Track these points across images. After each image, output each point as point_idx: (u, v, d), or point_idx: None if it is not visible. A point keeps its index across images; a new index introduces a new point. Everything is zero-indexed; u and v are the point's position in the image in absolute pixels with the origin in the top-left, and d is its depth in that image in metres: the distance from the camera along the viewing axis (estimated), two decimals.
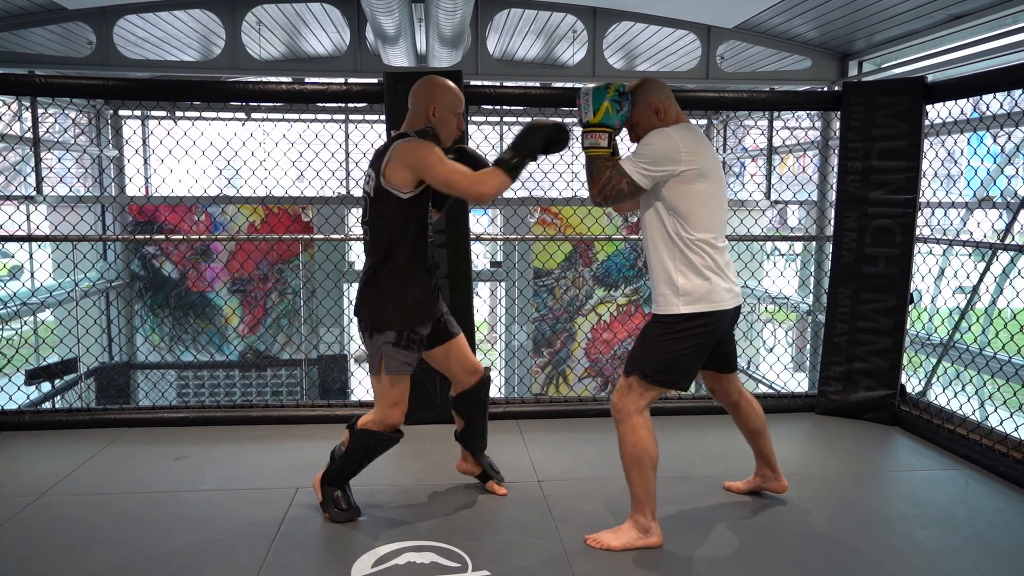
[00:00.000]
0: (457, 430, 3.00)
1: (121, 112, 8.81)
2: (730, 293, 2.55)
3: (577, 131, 2.59)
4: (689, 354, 2.52)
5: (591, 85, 2.53)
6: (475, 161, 2.71)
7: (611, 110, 2.47)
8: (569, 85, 6.56)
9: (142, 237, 5.53)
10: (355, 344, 8.90)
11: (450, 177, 2.47)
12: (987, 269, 4.09)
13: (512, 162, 2.47)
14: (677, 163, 2.45)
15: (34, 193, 6.78)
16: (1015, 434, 3.32)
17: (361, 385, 7.75)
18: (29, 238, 4.64)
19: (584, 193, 8.29)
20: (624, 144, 2.79)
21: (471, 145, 3.39)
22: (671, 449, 3.56)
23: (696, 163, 2.46)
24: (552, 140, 2.51)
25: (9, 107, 7.07)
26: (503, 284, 9.27)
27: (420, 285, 2.62)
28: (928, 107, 3.81)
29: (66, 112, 7.98)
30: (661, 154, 2.45)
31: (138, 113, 8.88)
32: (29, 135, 6.71)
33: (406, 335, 2.60)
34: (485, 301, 10.92)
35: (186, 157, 5.30)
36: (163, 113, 8.61)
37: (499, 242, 8.91)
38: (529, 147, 2.49)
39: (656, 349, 2.51)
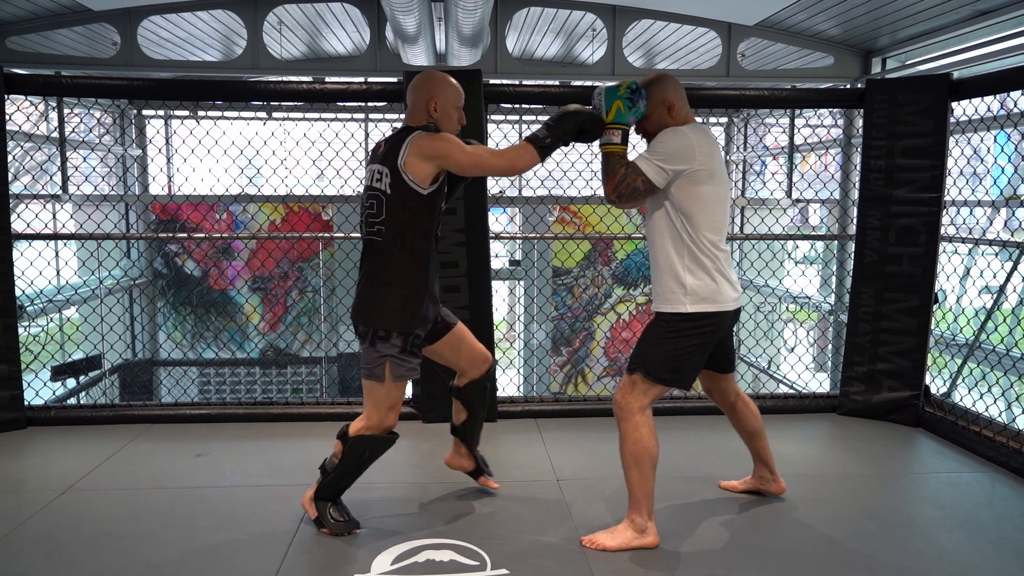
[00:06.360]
0: (455, 423, 2.90)
1: (145, 112, 8.91)
2: (734, 294, 2.56)
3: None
4: (692, 353, 2.52)
5: (606, 84, 2.52)
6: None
7: (623, 108, 2.46)
8: (589, 83, 6.54)
9: (165, 235, 5.59)
10: None
11: (478, 160, 2.49)
12: (1014, 269, 4.01)
13: (546, 141, 2.47)
14: (691, 161, 2.44)
15: (60, 192, 6.89)
16: None
17: None
18: (55, 236, 4.71)
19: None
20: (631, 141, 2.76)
21: (491, 144, 3.37)
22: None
23: (707, 164, 2.47)
24: (585, 127, 2.49)
25: (36, 107, 7.18)
26: (522, 283, 9.27)
27: (429, 285, 2.56)
28: (953, 104, 3.76)
29: (91, 112, 8.08)
30: (676, 151, 2.44)
31: (161, 113, 8.98)
32: (55, 135, 6.81)
33: (412, 340, 2.54)
34: (504, 300, 10.92)
35: (208, 156, 5.36)
36: (186, 113, 8.70)
37: (518, 240, 8.90)
38: (563, 130, 2.48)
39: (660, 347, 2.51)
